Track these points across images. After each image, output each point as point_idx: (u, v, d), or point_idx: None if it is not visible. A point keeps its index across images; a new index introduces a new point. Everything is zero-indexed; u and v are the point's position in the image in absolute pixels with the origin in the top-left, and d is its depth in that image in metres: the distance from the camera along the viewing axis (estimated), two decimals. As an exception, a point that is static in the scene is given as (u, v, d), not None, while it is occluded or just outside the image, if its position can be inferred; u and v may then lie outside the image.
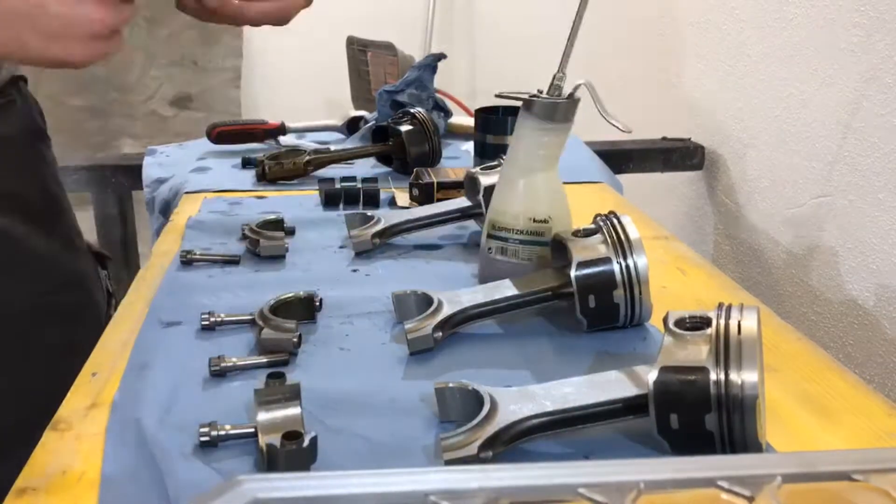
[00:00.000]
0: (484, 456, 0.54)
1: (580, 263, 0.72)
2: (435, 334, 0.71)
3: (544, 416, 0.57)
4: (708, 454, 0.55)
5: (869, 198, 1.08)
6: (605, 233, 0.74)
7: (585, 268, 0.72)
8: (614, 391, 0.58)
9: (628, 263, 0.72)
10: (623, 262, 0.72)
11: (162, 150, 1.43)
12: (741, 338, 0.54)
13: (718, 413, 0.53)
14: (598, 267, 0.72)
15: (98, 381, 0.67)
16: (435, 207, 0.99)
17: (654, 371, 0.55)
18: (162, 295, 0.83)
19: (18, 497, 0.53)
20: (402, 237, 0.97)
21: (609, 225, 0.74)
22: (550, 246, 0.78)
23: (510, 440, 0.56)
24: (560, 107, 0.78)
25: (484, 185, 0.92)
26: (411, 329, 0.70)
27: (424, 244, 0.97)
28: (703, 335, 0.56)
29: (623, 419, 0.58)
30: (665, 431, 0.55)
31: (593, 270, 0.72)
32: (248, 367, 0.68)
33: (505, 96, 0.82)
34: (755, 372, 0.53)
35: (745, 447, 0.54)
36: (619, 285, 0.72)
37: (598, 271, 0.72)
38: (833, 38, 1.12)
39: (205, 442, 0.58)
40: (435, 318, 0.72)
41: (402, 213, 0.98)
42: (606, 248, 0.73)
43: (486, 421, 0.56)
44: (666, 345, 0.56)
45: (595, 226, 0.75)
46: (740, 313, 0.56)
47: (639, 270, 0.72)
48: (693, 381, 0.54)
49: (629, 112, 1.73)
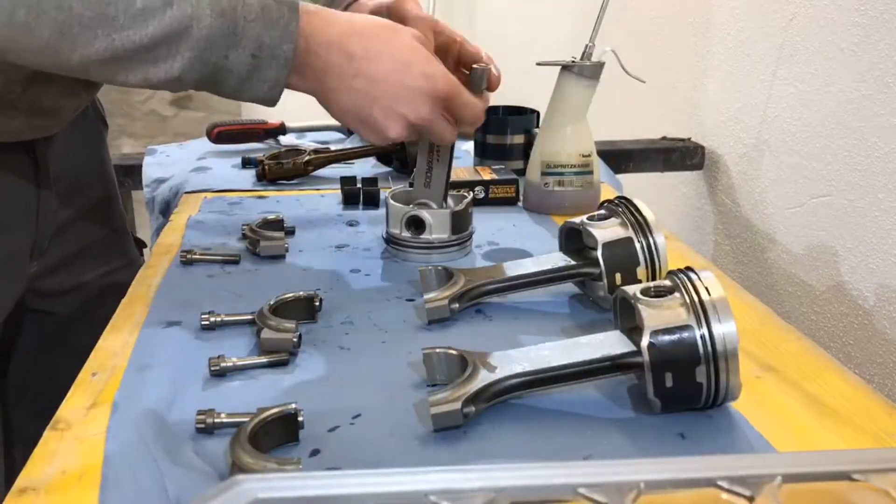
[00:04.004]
0: (467, 411, 0.59)
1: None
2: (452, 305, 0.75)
3: (523, 376, 0.62)
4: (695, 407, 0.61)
5: (869, 198, 1.08)
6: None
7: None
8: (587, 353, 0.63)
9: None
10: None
11: (162, 149, 1.43)
12: (713, 297, 0.60)
13: (707, 365, 0.59)
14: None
15: (98, 381, 0.67)
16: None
17: (646, 335, 0.59)
18: (162, 295, 0.83)
19: (18, 497, 0.53)
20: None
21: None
22: (612, 302, 0.67)
23: (492, 397, 0.61)
24: (592, 67, 1.04)
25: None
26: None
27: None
28: (675, 299, 0.61)
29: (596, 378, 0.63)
30: (660, 390, 0.60)
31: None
32: (248, 367, 0.68)
33: (545, 63, 1.06)
34: (733, 323, 0.59)
35: (728, 394, 0.60)
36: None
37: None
38: (833, 37, 1.12)
39: (200, 429, 0.59)
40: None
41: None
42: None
43: (470, 379, 0.61)
44: (644, 312, 0.60)
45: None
46: (699, 277, 0.61)
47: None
48: (682, 339, 0.59)
49: (629, 112, 1.74)
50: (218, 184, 1.22)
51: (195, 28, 0.65)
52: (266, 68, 0.69)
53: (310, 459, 0.57)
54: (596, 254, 0.76)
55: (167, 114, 2.65)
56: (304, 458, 0.57)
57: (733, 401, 0.62)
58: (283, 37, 0.69)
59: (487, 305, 0.81)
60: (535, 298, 0.82)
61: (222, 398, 0.64)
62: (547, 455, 0.58)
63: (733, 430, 0.60)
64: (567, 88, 1.05)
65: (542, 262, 0.81)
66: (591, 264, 0.78)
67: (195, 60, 0.67)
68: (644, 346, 0.59)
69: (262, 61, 0.69)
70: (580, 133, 1.07)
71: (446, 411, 0.59)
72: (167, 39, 0.65)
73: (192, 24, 0.65)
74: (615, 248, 0.76)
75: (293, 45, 0.69)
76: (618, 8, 1.04)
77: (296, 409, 0.58)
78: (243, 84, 0.70)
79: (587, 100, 1.06)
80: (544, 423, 0.61)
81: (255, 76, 0.69)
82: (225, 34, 0.67)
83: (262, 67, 0.69)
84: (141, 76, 0.67)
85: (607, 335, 0.64)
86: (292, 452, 0.58)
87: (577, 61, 1.05)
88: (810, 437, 0.61)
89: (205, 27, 0.66)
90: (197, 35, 0.66)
